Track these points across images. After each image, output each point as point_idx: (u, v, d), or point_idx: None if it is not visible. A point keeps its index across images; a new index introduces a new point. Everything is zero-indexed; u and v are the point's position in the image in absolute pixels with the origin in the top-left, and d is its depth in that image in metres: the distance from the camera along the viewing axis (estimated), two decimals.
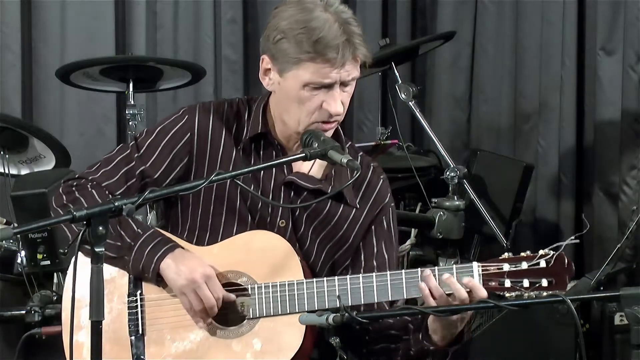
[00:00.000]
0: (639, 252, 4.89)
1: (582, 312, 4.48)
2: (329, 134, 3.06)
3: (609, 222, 5.13)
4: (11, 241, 4.26)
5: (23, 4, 5.34)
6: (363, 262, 3.18)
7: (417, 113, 4.73)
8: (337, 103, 3.01)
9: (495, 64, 5.49)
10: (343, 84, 3.02)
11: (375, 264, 3.17)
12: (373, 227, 3.19)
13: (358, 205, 3.16)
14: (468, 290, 2.90)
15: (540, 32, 5.33)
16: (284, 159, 3.00)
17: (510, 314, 4.09)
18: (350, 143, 3.22)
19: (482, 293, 2.90)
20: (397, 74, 4.80)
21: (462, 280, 2.91)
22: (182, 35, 5.55)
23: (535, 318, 4.14)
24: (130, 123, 4.66)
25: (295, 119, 3.05)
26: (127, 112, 4.68)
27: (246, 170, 2.96)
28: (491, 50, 5.50)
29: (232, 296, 3.03)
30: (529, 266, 2.91)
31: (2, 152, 4.50)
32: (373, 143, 4.98)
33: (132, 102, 4.68)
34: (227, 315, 3.04)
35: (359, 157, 3.20)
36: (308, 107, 3.02)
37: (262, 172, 3.10)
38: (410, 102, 4.72)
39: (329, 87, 3.00)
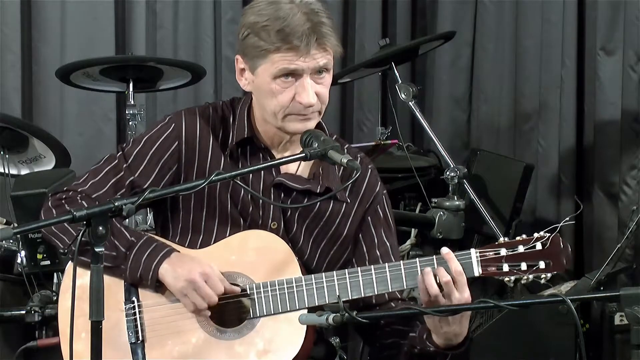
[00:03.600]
0: (639, 252, 4.89)
1: (582, 312, 4.48)
2: (310, 124, 3.04)
3: (609, 222, 5.13)
4: (11, 241, 4.26)
5: (23, 4, 5.34)
6: (366, 254, 3.18)
7: (417, 113, 4.73)
8: (308, 93, 2.99)
9: (495, 64, 5.49)
10: (315, 74, 3.00)
11: (378, 253, 3.18)
12: (369, 217, 3.18)
13: (348, 200, 3.16)
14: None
15: (540, 32, 5.33)
16: (284, 159, 2.99)
17: (510, 314, 4.09)
18: (335, 136, 3.21)
19: (456, 266, 2.92)
20: (397, 74, 4.80)
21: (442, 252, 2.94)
22: (182, 35, 5.55)
23: (535, 318, 4.14)
24: (130, 123, 4.67)
25: (271, 114, 3.04)
26: (127, 112, 4.68)
27: (246, 170, 2.96)
28: (491, 50, 5.50)
29: (236, 288, 3.02)
30: (525, 249, 2.93)
31: (2, 152, 4.50)
32: (373, 143, 4.98)
33: (132, 102, 4.68)
34: (227, 316, 3.04)
35: (345, 151, 3.18)
36: (280, 100, 3.01)
37: (250, 174, 3.10)
38: (410, 102, 4.72)
39: (299, 76, 2.99)
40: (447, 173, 4.62)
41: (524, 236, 2.95)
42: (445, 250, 2.96)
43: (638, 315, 2.70)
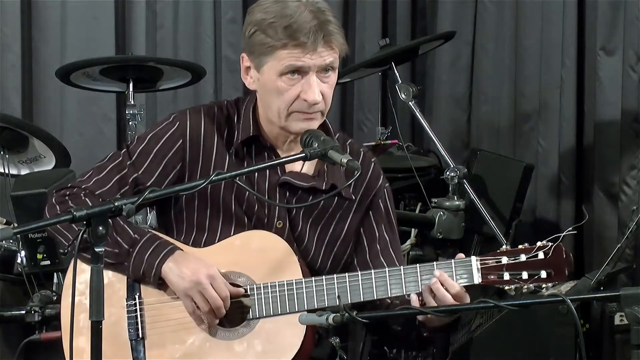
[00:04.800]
0: (639, 252, 4.89)
1: (582, 312, 4.48)
2: (314, 124, 3.05)
3: (609, 222, 5.12)
4: (11, 241, 4.26)
5: (23, 4, 5.33)
6: (367, 248, 3.19)
7: (417, 113, 4.73)
8: (314, 91, 3.00)
9: (495, 64, 5.49)
10: (321, 72, 3.01)
11: (378, 247, 3.19)
12: (370, 212, 3.20)
13: (353, 197, 3.17)
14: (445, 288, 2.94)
15: (540, 32, 5.32)
16: (284, 159, 3.00)
17: (510, 314, 4.09)
18: (339, 134, 3.22)
19: (453, 289, 2.92)
20: (397, 74, 4.80)
21: (435, 274, 2.93)
22: (182, 35, 5.55)
23: (535, 318, 4.14)
24: (130, 123, 4.66)
25: (276, 112, 3.05)
26: (127, 112, 4.68)
27: (246, 170, 2.96)
28: (491, 50, 5.50)
29: (240, 290, 3.03)
30: (527, 258, 2.92)
31: (2, 152, 4.50)
32: (373, 143, 4.99)
33: (132, 102, 4.68)
34: (227, 316, 3.04)
35: (348, 146, 3.21)
36: (286, 97, 3.02)
37: (256, 173, 3.10)
38: (410, 102, 4.72)
39: (305, 73, 3.00)
40: (447, 173, 4.62)
41: (526, 245, 2.94)
42: (437, 272, 2.96)
43: (638, 315, 2.70)
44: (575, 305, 2.79)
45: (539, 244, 2.92)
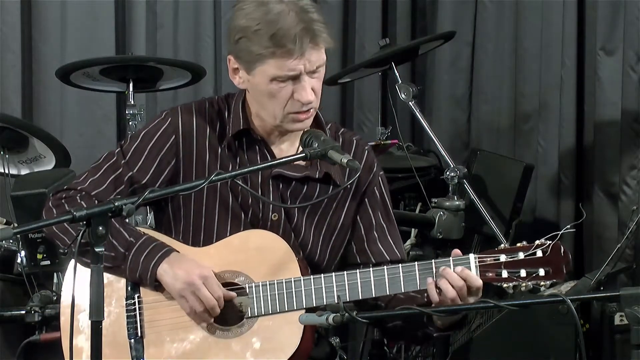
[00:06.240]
0: (639, 252, 4.89)
1: (582, 312, 4.48)
2: (308, 122, 3.07)
3: (609, 222, 5.12)
4: (11, 241, 4.26)
5: (23, 4, 5.34)
6: (364, 236, 3.20)
7: (417, 113, 4.73)
8: (307, 92, 3.02)
9: (495, 64, 5.49)
10: (310, 71, 3.02)
11: (376, 235, 3.20)
12: (366, 199, 3.21)
13: (348, 185, 3.16)
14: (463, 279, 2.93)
15: (540, 32, 5.32)
16: (284, 159, 3.00)
17: (510, 314, 4.09)
18: (330, 124, 3.23)
19: (477, 282, 2.92)
20: (397, 74, 4.80)
21: (456, 269, 2.94)
22: (182, 35, 5.55)
23: (535, 318, 4.14)
24: (130, 123, 4.67)
25: (270, 114, 3.07)
26: (127, 112, 4.68)
27: (246, 170, 2.97)
28: (491, 50, 5.50)
29: (233, 294, 3.03)
30: (525, 256, 2.93)
31: (2, 152, 4.50)
32: (373, 143, 4.98)
33: (132, 102, 4.68)
34: (225, 315, 3.05)
35: (340, 136, 3.22)
36: (279, 99, 3.03)
37: (248, 166, 3.11)
38: (410, 102, 4.72)
39: (296, 77, 3.01)
40: (447, 173, 4.62)
41: (524, 243, 2.95)
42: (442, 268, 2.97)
43: (638, 315, 2.70)
44: (575, 305, 2.79)
45: (537, 242, 2.93)
